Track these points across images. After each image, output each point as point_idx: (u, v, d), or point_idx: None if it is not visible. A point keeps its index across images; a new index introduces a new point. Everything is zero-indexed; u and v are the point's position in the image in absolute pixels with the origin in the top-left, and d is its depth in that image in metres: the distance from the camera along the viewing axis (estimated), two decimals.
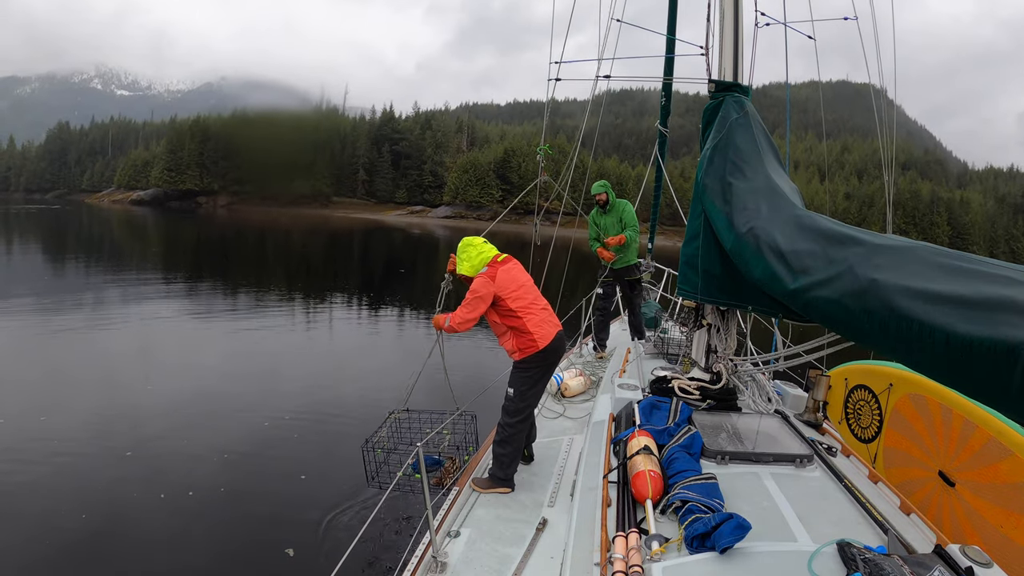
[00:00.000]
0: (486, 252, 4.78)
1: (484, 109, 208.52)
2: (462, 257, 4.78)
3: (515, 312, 4.55)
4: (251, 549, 5.91)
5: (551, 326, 4.69)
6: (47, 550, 5.64)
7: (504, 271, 4.67)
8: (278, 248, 47.11)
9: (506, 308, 4.56)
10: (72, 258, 31.49)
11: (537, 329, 4.56)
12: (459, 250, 4.82)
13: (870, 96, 7.59)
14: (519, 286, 4.68)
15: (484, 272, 4.62)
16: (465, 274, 4.74)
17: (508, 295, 4.57)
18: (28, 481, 6.83)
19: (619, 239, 8.05)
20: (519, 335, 4.56)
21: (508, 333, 4.61)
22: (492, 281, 4.56)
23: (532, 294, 4.75)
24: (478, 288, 4.54)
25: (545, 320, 4.67)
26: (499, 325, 4.65)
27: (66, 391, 9.92)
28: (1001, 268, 2.29)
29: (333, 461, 7.71)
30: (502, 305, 4.56)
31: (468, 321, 4.58)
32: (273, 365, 12.50)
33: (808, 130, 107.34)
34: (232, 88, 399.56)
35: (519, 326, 4.54)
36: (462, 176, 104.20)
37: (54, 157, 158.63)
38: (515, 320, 4.55)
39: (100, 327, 14.85)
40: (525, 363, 4.58)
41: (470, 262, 4.72)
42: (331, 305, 20.95)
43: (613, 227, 8.17)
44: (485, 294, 4.52)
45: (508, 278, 4.64)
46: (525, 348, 4.55)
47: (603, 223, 8.21)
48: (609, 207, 8.16)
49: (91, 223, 65.56)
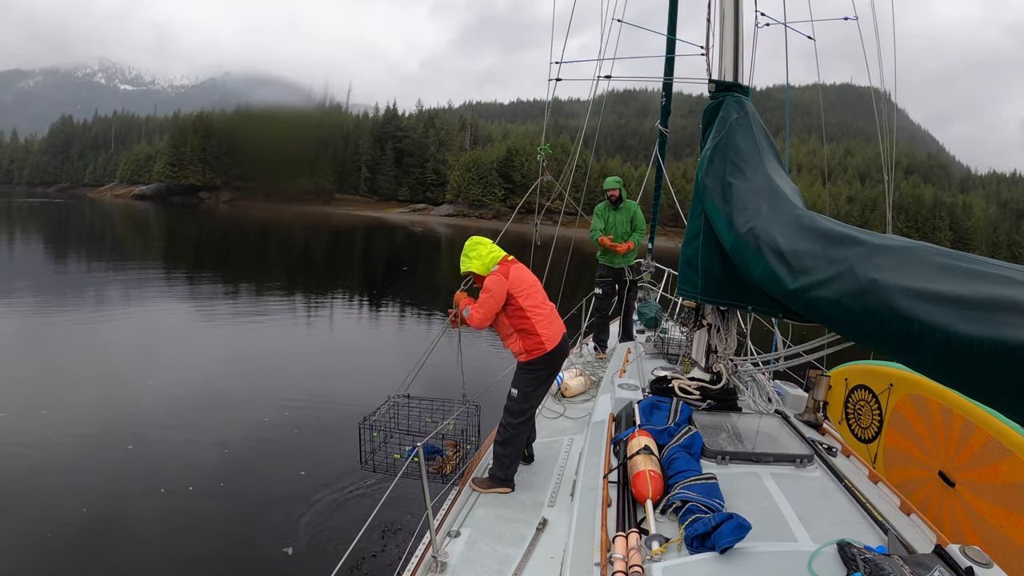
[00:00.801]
0: (496, 251, 4.76)
1: (487, 108, 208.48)
2: (471, 255, 4.72)
3: (525, 312, 4.53)
4: (250, 546, 5.91)
5: (557, 328, 4.68)
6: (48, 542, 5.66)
7: (516, 269, 4.68)
8: (280, 244, 47.10)
9: (516, 307, 4.54)
10: (74, 252, 31.59)
11: (545, 331, 4.54)
12: (468, 248, 4.76)
13: (878, 98, 7.57)
14: (529, 285, 4.68)
15: (497, 270, 4.61)
16: (476, 272, 4.70)
17: (520, 293, 4.56)
18: (28, 474, 6.86)
19: (627, 246, 8.07)
20: (526, 336, 4.53)
21: (515, 335, 4.59)
22: (505, 279, 4.55)
23: (541, 294, 4.76)
24: (492, 286, 4.51)
25: (552, 321, 4.66)
26: (506, 326, 4.63)
27: (66, 385, 9.96)
28: (1001, 268, 2.29)
29: (333, 457, 7.70)
30: (512, 304, 4.55)
31: (485, 320, 4.57)
32: (274, 361, 12.52)
33: (811, 133, 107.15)
34: (236, 84, 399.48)
35: (527, 327, 4.52)
36: (465, 175, 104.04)
37: (57, 151, 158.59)
38: (524, 321, 4.53)
39: (101, 321, 14.90)
40: (531, 364, 4.55)
41: (481, 260, 4.68)
42: (332, 302, 20.99)
43: (622, 225, 8.17)
44: (498, 291, 4.50)
45: (519, 276, 4.65)
46: (532, 350, 4.52)
47: (612, 220, 8.20)
48: (621, 205, 8.19)
49: (93, 217, 65.67)
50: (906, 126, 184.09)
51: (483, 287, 4.59)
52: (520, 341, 4.56)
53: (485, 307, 4.52)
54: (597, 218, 8.30)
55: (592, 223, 8.33)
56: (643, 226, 8.28)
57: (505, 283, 4.53)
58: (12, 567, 5.34)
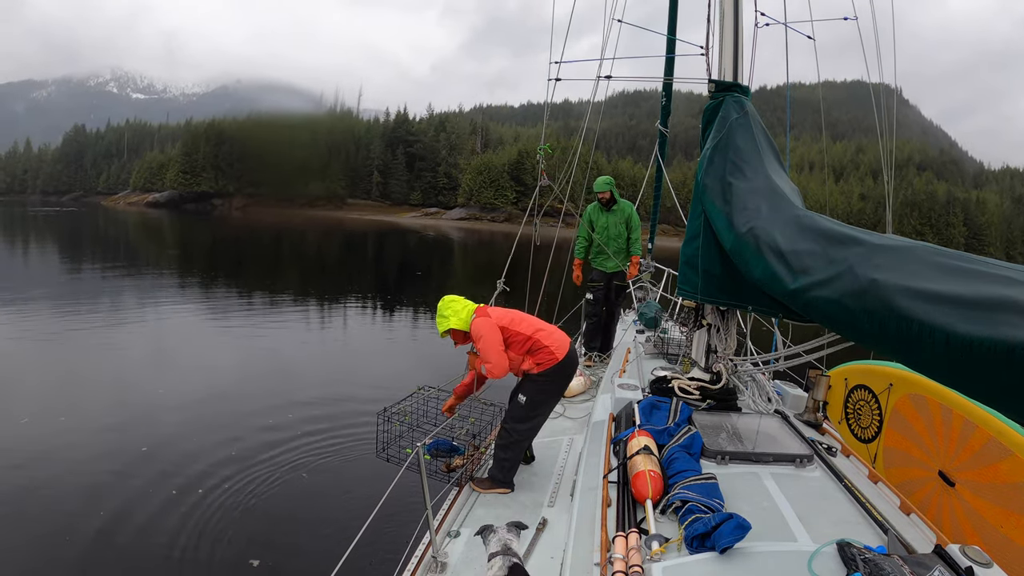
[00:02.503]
0: (470, 304, 4.64)
1: (498, 111, 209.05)
2: (447, 313, 4.56)
3: (526, 335, 4.41)
4: (250, 544, 5.97)
5: (564, 338, 4.58)
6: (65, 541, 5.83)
7: (493, 310, 4.60)
8: (293, 249, 47.41)
9: (515, 334, 4.42)
10: (89, 260, 31.85)
11: (553, 342, 4.44)
12: (442, 308, 4.61)
13: (880, 95, 7.54)
14: (515, 316, 4.58)
15: (476, 318, 4.49)
16: (456, 328, 4.53)
17: (511, 323, 4.47)
18: (49, 479, 7.01)
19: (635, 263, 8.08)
20: (535, 352, 4.40)
21: (525, 358, 4.45)
22: (489, 317, 4.46)
23: (531, 319, 4.63)
24: (480, 328, 4.40)
25: (556, 332, 4.57)
26: (515, 359, 4.45)
27: (83, 391, 10.16)
28: (1001, 268, 2.28)
29: (338, 460, 7.80)
30: (511, 332, 4.43)
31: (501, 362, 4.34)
32: (285, 366, 12.60)
33: (822, 131, 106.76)
34: (247, 91, 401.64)
35: (533, 345, 4.40)
36: (476, 178, 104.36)
37: (70, 160, 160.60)
38: (528, 342, 4.41)
39: (117, 327, 15.08)
40: (544, 376, 4.44)
41: (457, 316, 4.54)
42: (345, 307, 21.06)
43: (615, 227, 8.05)
44: (489, 330, 4.37)
45: (500, 313, 4.56)
46: (544, 361, 4.40)
47: (604, 222, 8.08)
48: (615, 207, 8.07)
49: (107, 225, 66.29)
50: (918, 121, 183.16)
51: (473, 338, 4.49)
52: (531, 359, 4.42)
53: (491, 351, 4.34)
54: (584, 225, 8.16)
55: (578, 232, 8.19)
56: (639, 225, 8.17)
57: (490, 320, 4.43)
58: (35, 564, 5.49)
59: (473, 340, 4.51)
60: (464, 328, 4.52)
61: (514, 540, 3.12)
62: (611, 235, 8.05)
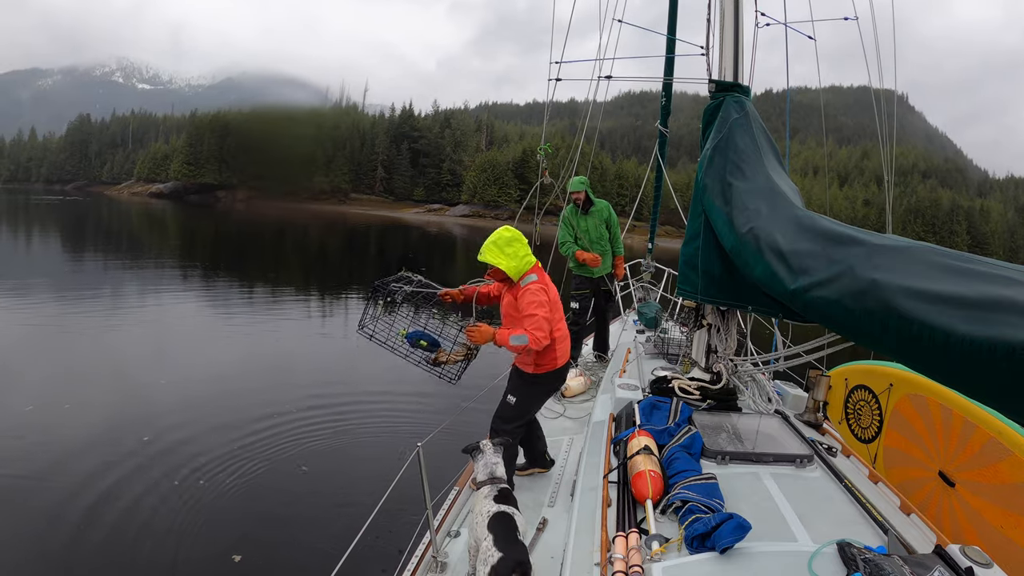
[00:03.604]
0: (531, 256, 4.27)
1: (503, 109, 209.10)
2: (508, 251, 4.12)
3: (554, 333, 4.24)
4: (249, 543, 5.98)
5: (568, 340, 4.53)
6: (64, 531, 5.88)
7: (545, 277, 4.33)
8: (296, 243, 47.39)
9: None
10: (92, 250, 31.92)
11: (561, 345, 4.38)
12: (502, 241, 4.16)
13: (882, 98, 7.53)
14: (557, 298, 4.34)
15: (537, 280, 4.20)
16: (505, 270, 4.13)
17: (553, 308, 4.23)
18: (53, 464, 7.09)
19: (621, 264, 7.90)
20: (545, 352, 4.29)
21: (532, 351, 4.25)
22: (546, 288, 4.21)
23: (561, 314, 4.44)
24: (537, 296, 4.08)
25: (567, 340, 4.49)
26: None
27: (87, 381, 10.26)
28: (1001, 268, 2.28)
29: (338, 456, 7.81)
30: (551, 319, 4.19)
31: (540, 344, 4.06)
32: (287, 360, 12.64)
33: (823, 133, 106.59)
34: (252, 84, 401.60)
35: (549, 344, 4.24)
36: (480, 175, 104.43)
37: (75, 149, 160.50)
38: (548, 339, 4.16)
39: (120, 317, 15.16)
40: (537, 379, 4.39)
41: (516, 260, 4.13)
42: (347, 302, 21.02)
43: (595, 230, 7.66)
44: (545, 306, 4.08)
45: (553, 293, 4.30)
46: (545, 364, 4.34)
47: (584, 226, 7.66)
48: (592, 208, 7.64)
49: (111, 215, 66.34)
50: (923, 129, 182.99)
51: (521, 298, 4.14)
52: (535, 354, 4.29)
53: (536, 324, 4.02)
54: (565, 227, 7.72)
55: (559, 234, 7.76)
56: (618, 226, 7.87)
57: (547, 297, 4.15)
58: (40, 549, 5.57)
59: (518, 296, 4.18)
60: (514, 277, 4.18)
61: (499, 464, 3.30)
62: (592, 238, 7.68)
